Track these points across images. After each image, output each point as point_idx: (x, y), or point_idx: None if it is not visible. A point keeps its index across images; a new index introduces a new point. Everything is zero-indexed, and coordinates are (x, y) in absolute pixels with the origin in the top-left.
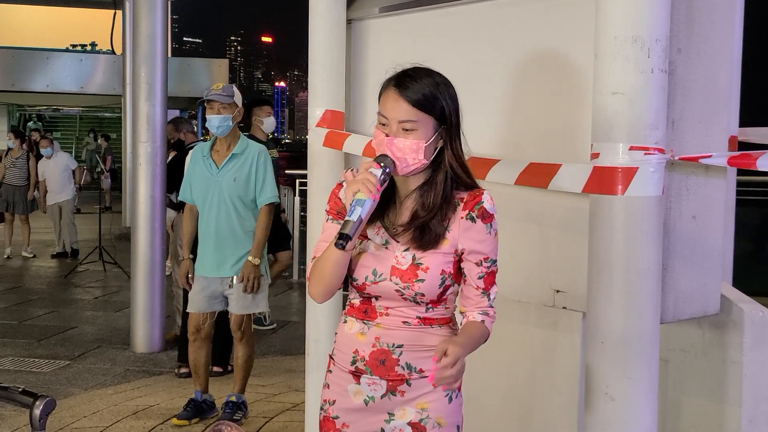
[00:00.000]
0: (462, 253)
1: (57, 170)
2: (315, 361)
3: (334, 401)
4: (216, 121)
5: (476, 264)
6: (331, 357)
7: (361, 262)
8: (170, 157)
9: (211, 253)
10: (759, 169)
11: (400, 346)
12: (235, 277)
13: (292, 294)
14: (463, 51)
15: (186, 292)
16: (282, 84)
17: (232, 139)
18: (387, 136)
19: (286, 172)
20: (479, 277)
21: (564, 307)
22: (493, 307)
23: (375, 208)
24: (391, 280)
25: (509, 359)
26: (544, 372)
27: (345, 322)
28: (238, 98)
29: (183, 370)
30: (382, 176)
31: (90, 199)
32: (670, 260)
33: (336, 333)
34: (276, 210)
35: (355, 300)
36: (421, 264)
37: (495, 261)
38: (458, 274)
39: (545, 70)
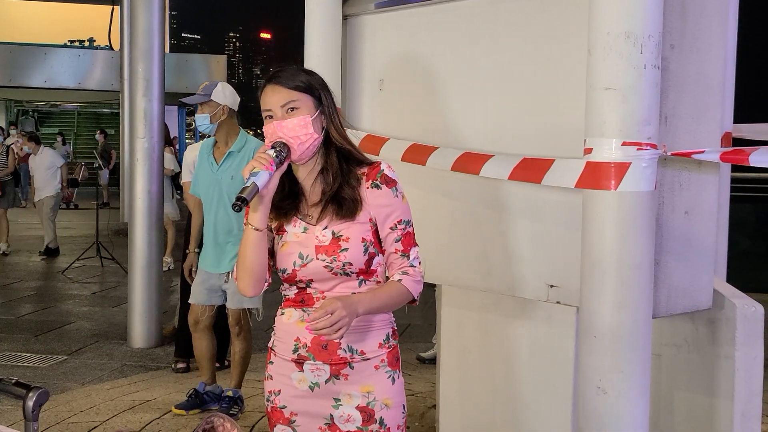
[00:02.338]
0: (376, 222)
1: (41, 167)
2: None
3: (279, 391)
4: (197, 120)
5: (391, 228)
6: (271, 349)
7: (285, 251)
8: None
9: (211, 248)
10: (751, 165)
11: None
12: (230, 272)
13: None
14: (458, 47)
15: (186, 286)
16: None
17: (229, 136)
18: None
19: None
20: (396, 240)
21: (558, 302)
22: (414, 266)
23: (288, 204)
24: (317, 258)
25: (503, 353)
26: (538, 366)
27: (282, 314)
28: (219, 96)
29: (180, 365)
30: (277, 154)
31: (88, 194)
32: (662, 255)
33: (275, 326)
34: None
35: (290, 292)
36: (342, 236)
37: (409, 221)
38: (380, 244)
39: (539, 66)
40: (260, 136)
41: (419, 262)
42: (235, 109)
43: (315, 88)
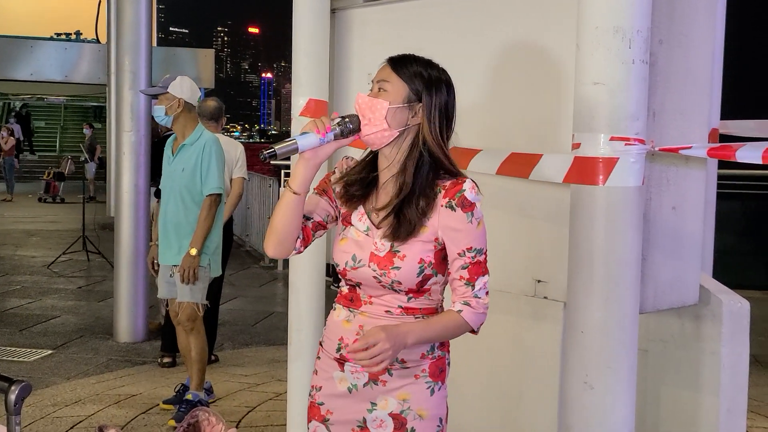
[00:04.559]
0: (443, 243)
1: None
2: (297, 351)
3: (321, 387)
4: (154, 111)
5: (459, 254)
6: (320, 343)
7: (342, 248)
8: None
9: (162, 240)
10: (738, 161)
11: None
12: (176, 266)
13: (277, 285)
14: (447, 41)
15: None
16: (269, 75)
17: (185, 129)
18: None
19: (271, 162)
20: (463, 268)
21: (545, 297)
22: (479, 297)
23: (356, 190)
24: (369, 266)
25: (491, 349)
26: (525, 361)
27: (334, 309)
28: (176, 89)
29: (166, 360)
30: (339, 127)
31: (75, 188)
32: (650, 251)
33: (326, 319)
34: None
35: (344, 287)
36: (399, 252)
37: (481, 250)
38: (442, 264)
39: (527, 61)
40: (249, 131)
41: (486, 293)
42: (194, 103)
43: (419, 81)
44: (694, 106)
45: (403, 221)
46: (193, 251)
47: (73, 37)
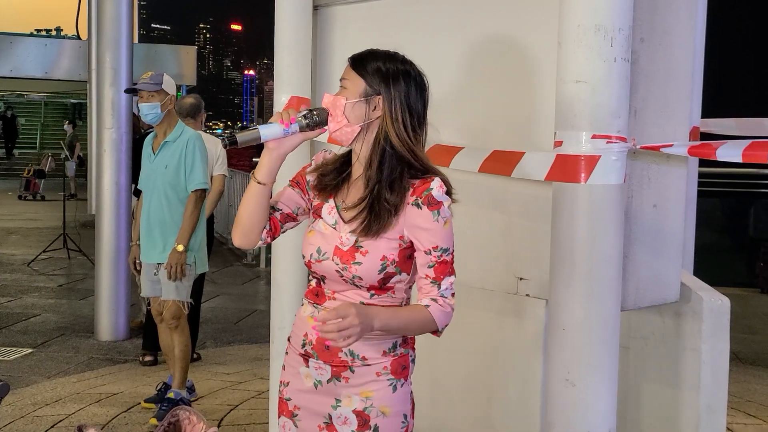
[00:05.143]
0: (410, 241)
1: None
2: (279, 349)
3: (288, 383)
4: (144, 109)
5: (425, 252)
6: (288, 339)
7: (309, 240)
8: None
9: (144, 238)
10: (718, 159)
11: None
12: (161, 264)
13: (259, 282)
14: (429, 39)
15: None
16: (251, 72)
17: (167, 126)
18: None
19: (254, 160)
20: (429, 266)
21: (527, 295)
22: (445, 297)
23: (329, 180)
24: (332, 259)
25: (473, 346)
26: (507, 358)
27: (302, 305)
28: (168, 86)
29: (147, 359)
30: (306, 118)
31: (55, 186)
32: (631, 248)
33: (296, 315)
34: None
35: (312, 282)
36: (362, 247)
37: (447, 250)
38: (406, 263)
39: (510, 59)
40: (231, 128)
41: (452, 294)
42: (174, 100)
43: (377, 75)
44: (675, 104)
45: (374, 218)
46: (180, 247)
47: (54, 33)
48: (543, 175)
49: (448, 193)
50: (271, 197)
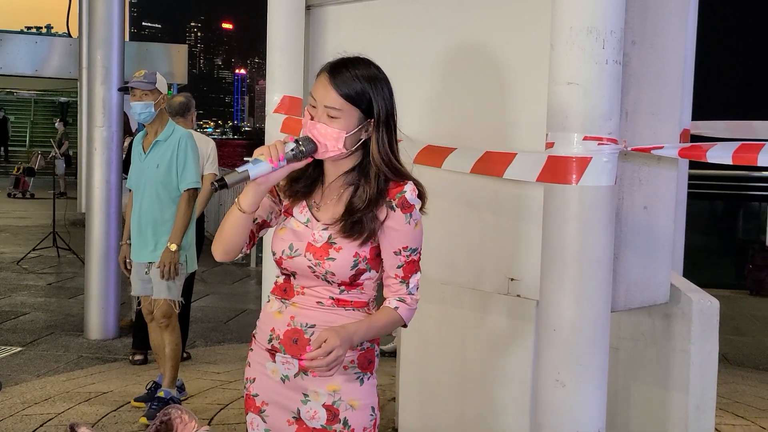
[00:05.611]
0: (379, 240)
1: None
2: None
3: (254, 379)
4: (137, 108)
5: (395, 253)
6: (253, 335)
7: (280, 236)
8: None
9: (135, 238)
10: (708, 161)
11: (312, 326)
12: (152, 263)
13: (249, 282)
14: (422, 40)
15: None
16: (242, 71)
17: (159, 125)
18: (312, 119)
19: (245, 159)
20: (398, 267)
21: (518, 295)
22: (412, 294)
23: (302, 186)
24: (305, 255)
25: (464, 346)
26: (498, 358)
27: (268, 301)
28: (161, 84)
29: (137, 357)
30: (294, 152)
31: (45, 184)
32: (621, 250)
33: (261, 311)
34: None
35: (279, 278)
36: (335, 243)
37: (416, 250)
38: (376, 261)
39: (503, 60)
40: (222, 128)
41: (417, 289)
42: (166, 99)
43: (366, 100)
44: (666, 106)
45: (357, 228)
46: (174, 246)
47: (44, 30)
48: (534, 176)
49: (420, 196)
50: (254, 222)
